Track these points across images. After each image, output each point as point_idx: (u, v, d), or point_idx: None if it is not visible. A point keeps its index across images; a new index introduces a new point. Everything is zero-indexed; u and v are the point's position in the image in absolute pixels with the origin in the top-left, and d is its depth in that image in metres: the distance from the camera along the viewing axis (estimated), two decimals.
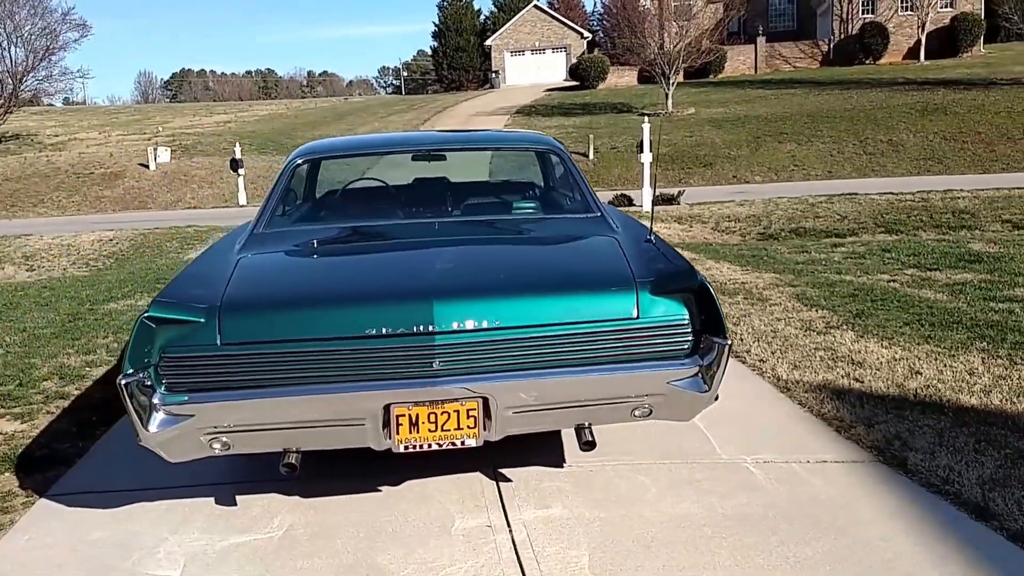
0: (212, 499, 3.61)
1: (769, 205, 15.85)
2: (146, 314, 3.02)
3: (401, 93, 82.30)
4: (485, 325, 3.07)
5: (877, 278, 7.84)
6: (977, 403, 4.34)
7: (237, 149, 23.54)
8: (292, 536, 3.27)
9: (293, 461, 3.15)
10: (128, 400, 2.98)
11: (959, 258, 8.62)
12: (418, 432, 3.10)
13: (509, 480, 3.66)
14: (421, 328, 3.04)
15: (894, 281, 7.63)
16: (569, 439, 4.01)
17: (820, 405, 4.43)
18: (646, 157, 16.54)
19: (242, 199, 23.33)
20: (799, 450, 3.90)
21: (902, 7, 41.97)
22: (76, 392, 5.23)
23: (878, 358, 5.16)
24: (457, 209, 4.58)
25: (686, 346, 3.20)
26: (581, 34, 53.20)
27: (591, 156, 26.58)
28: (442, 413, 3.09)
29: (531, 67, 51.69)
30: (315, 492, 3.61)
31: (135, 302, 8.02)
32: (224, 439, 3.11)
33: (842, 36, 43.15)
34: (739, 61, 44.21)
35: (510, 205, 4.62)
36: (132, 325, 3.05)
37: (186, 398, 3.03)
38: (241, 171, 22.91)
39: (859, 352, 5.30)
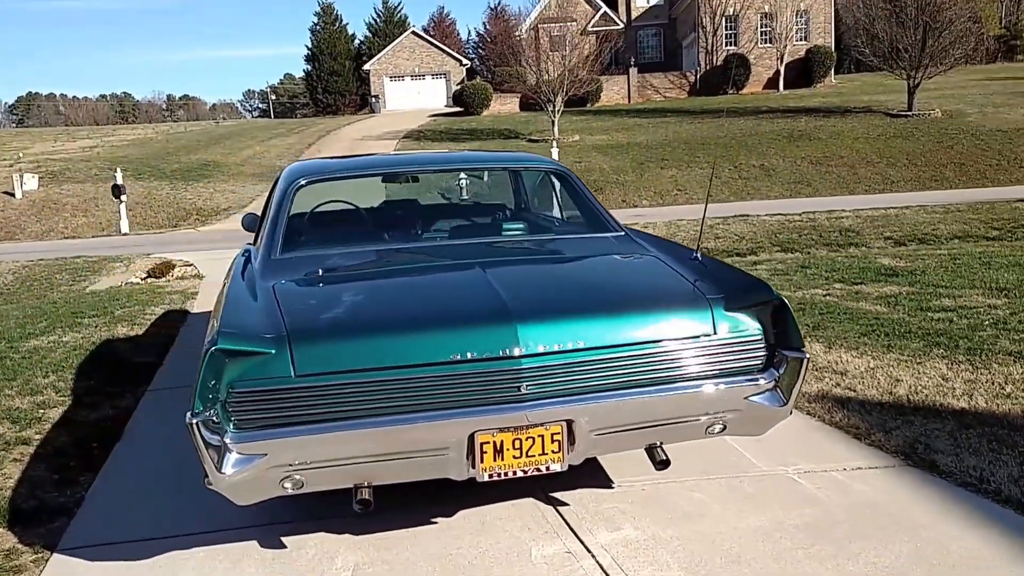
0: (255, 542, 3.37)
1: (672, 227, 16.35)
2: (215, 346, 2.79)
3: (270, 117, 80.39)
4: (569, 346, 3.03)
5: (812, 292, 8.22)
6: (966, 406, 4.60)
7: (118, 175, 22.30)
8: (364, 575, 3.09)
9: (367, 496, 2.99)
10: (200, 440, 2.76)
11: (877, 272, 9.15)
12: (503, 459, 3.01)
13: (566, 504, 3.59)
14: (507, 352, 2.96)
15: (829, 295, 8.02)
16: (609, 461, 3.99)
17: (829, 414, 4.59)
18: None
19: (124, 227, 22.07)
20: (830, 458, 4.02)
21: (762, 40, 44.54)
22: (38, 437, 4.77)
23: (857, 367, 5.40)
24: (482, 229, 4.49)
25: (761, 360, 3.26)
26: (460, 61, 53.59)
27: (486, 180, 26.68)
28: (527, 439, 3.02)
29: (411, 92, 51.59)
30: (367, 529, 3.42)
31: (60, 338, 7.41)
32: (297, 477, 2.92)
33: (708, 67, 45.30)
34: (614, 91, 45.64)
35: (535, 225, 4.58)
36: (200, 359, 2.80)
37: (258, 435, 2.83)
38: (123, 198, 21.71)
39: (837, 362, 5.53)
